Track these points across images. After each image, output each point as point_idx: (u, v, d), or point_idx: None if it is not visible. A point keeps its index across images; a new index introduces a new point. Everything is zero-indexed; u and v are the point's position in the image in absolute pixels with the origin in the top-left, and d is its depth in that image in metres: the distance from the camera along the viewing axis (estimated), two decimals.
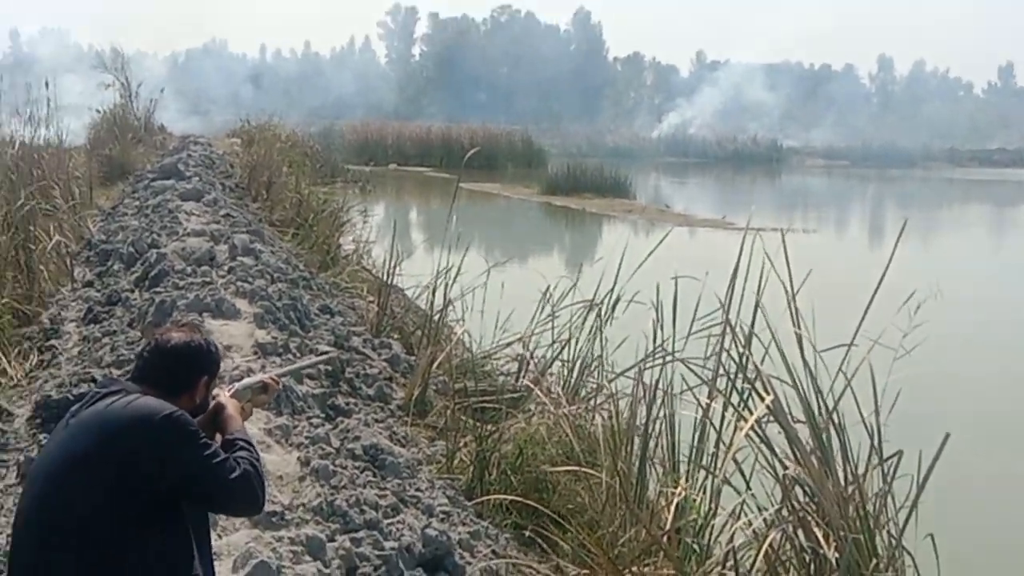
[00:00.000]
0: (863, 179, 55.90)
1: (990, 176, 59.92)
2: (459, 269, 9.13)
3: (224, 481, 2.93)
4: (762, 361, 4.43)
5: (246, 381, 3.54)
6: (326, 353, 6.30)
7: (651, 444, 5.54)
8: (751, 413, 4.24)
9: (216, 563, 3.26)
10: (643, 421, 5.67)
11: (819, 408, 4.16)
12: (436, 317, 9.06)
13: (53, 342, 8.39)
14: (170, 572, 2.89)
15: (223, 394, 3.37)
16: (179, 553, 2.93)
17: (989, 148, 78.74)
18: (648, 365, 5.71)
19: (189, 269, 9.44)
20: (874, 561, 3.71)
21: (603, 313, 7.98)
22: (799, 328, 4.29)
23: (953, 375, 11.18)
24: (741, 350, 4.48)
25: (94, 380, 6.50)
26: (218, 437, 3.18)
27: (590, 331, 8.05)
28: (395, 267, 10.38)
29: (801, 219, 29.88)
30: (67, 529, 2.79)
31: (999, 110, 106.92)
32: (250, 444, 3.15)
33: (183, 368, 3.19)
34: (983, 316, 15.24)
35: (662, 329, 5.90)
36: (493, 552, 5.45)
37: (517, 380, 8.34)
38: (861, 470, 4.06)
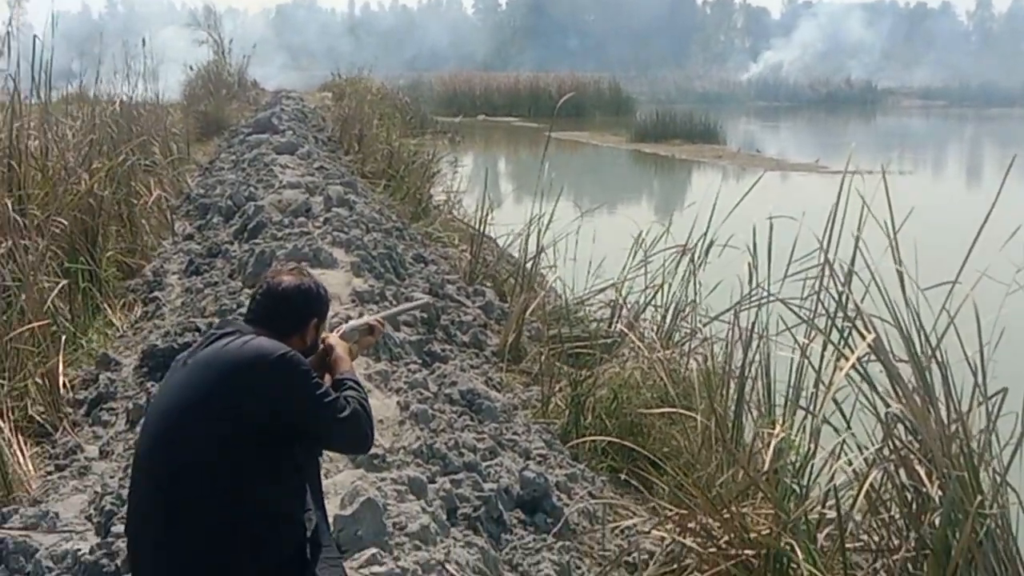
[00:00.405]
0: (961, 119, 54.41)
1: None
2: (551, 217, 9.13)
3: (335, 419, 3.02)
4: (862, 300, 4.37)
5: (352, 323, 3.63)
6: (424, 299, 6.38)
7: (747, 386, 5.51)
8: (851, 352, 4.19)
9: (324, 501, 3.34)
10: (739, 363, 5.64)
11: (921, 346, 4.10)
12: (528, 264, 9.09)
13: (156, 294, 8.62)
14: (285, 507, 2.99)
15: (332, 336, 3.46)
16: (293, 488, 3.02)
17: None
18: (744, 307, 5.66)
19: (286, 220, 9.60)
20: (979, 498, 3.67)
21: (696, 258, 7.91)
22: (900, 266, 4.22)
23: None
24: (840, 289, 4.42)
25: (198, 329, 6.68)
26: (327, 378, 3.26)
27: (683, 276, 7.99)
28: (486, 216, 10.42)
29: (897, 161, 29.19)
30: (185, 466, 2.89)
31: None
32: (358, 384, 3.24)
33: (294, 310, 3.29)
34: None
35: (757, 272, 5.83)
36: (590, 494, 5.50)
37: (610, 326, 8.35)
38: (965, 408, 4.00)
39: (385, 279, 8.23)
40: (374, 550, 3.49)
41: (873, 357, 4.16)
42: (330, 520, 3.28)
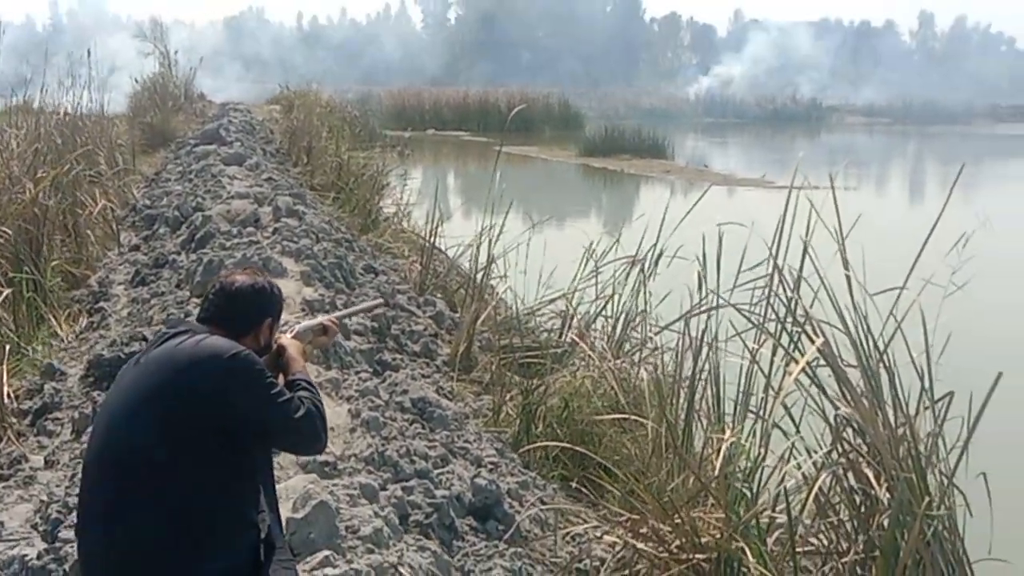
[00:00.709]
0: (904, 136, 55.27)
1: None
2: (502, 228, 9.14)
3: (289, 419, 2.99)
4: (811, 306, 4.42)
5: (306, 323, 3.61)
6: (377, 300, 6.35)
7: (698, 393, 5.55)
8: (800, 357, 4.23)
9: None
10: (689, 371, 5.67)
11: (870, 351, 4.15)
12: (479, 274, 9.09)
13: (102, 304, 8.52)
14: (239, 508, 2.96)
15: (285, 336, 3.44)
16: (247, 489, 2.99)
17: None
18: (694, 314, 5.70)
19: (235, 230, 9.53)
20: (926, 500, 3.71)
21: (646, 268, 7.96)
22: (848, 272, 4.27)
23: (1005, 317, 11.29)
24: (790, 295, 4.47)
25: (145, 339, 6.60)
26: (280, 378, 3.24)
27: (633, 286, 8.04)
28: (436, 228, 10.41)
29: (842, 176, 29.55)
30: (135, 466, 2.85)
31: None
32: (312, 385, 3.22)
33: (248, 309, 3.26)
34: None
35: (706, 280, 5.87)
36: (541, 501, 5.51)
37: (561, 336, 8.37)
38: (912, 412, 4.06)
39: (335, 288, 8.19)
40: (327, 552, 3.47)
41: (822, 362, 4.20)
42: (283, 523, 3.25)
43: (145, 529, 2.80)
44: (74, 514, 4.19)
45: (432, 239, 10.33)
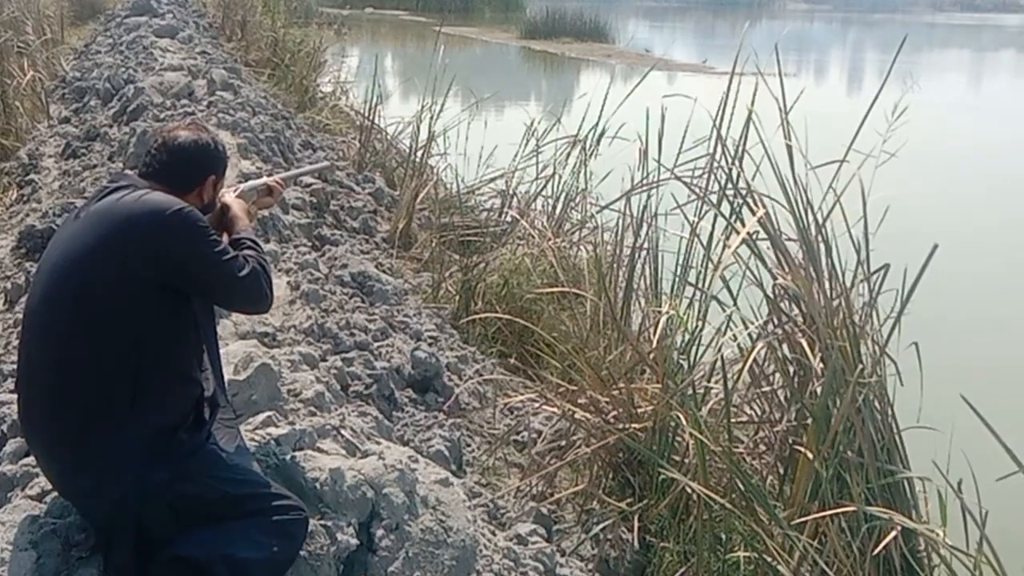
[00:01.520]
0: (845, 23, 55.23)
1: (972, 21, 59.26)
2: (441, 106, 9.03)
3: (233, 276, 2.96)
4: (753, 178, 4.43)
5: (251, 183, 3.55)
6: (323, 163, 6.24)
7: (638, 269, 5.57)
8: (740, 229, 4.25)
9: None
10: (629, 247, 5.69)
11: (809, 223, 4.18)
12: (419, 152, 9.00)
13: (32, 176, 8.32)
14: (182, 364, 2.94)
15: (229, 194, 3.38)
16: (190, 346, 2.97)
17: None
18: (635, 192, 5.69)
19: (168, 103, 9.30)
20: (859, 367, 3.79)
21: (587, 147, 7.93)
22: (789, 142, 4.28)
23: (941, 194, 11.60)
24: (732, 166, 4.47)
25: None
26: (224, 237, 3.19)
27: (574, 166, 8.03)
28: (375, 106, 10.25)
29: (782, 62, 29.45)
30: (77, 321, 2.81)
31: None
32: (257, 243, 3.18)
33: (191, 165, 3.18)
34: (965, 144, 15.65)
35: (647, 158, 5.85)
36: (479, 374, 5.55)
37: (501, 215, 8.37)
38: (848, 284, 4.11)
39: (273, 162, 8.06)
40: (269, 413, 3.47)
41: (762, 235, 4.23)
42: (225, 384, 3.24)
43: (86, 382, 2.78)
44: (9, 380, 4.16)
45: (371, 117, 10.18)
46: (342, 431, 3.52)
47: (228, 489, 2.89)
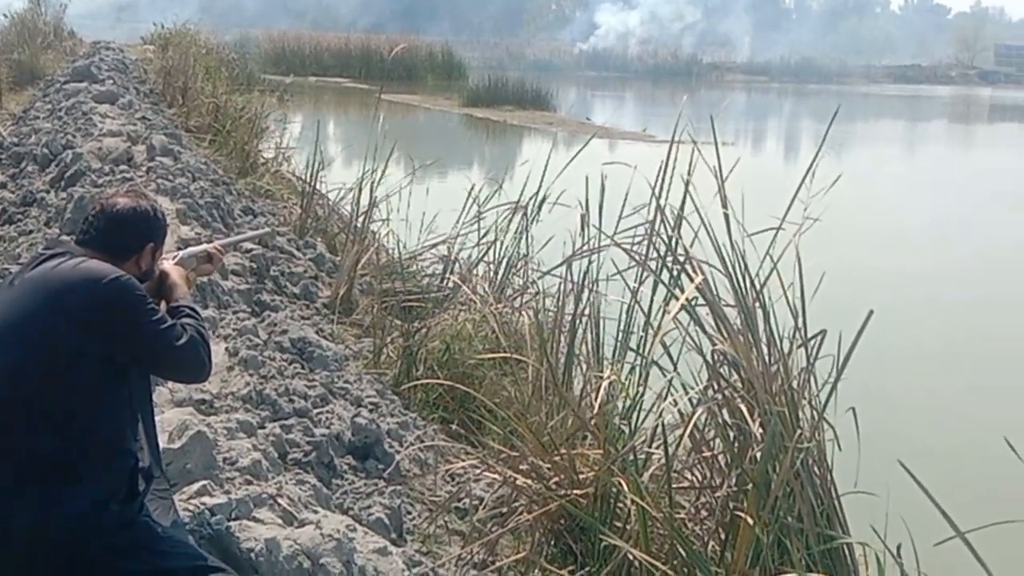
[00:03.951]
0: (781, 94, 56.42)
1: (904, 92, 60.81)
2: (383, 172, 9.04)
3: (171, 346, 2.93)
4: (691, 245, 4.48)
5: (190, 250, 3.53)
6: (264, 229, 6.19)
7: (579, 335, 5.59)
8: (680, 295, 4.29)
9: None
10: (571, 313, 5.71)
11: (747, 289, 4.23)
12: (360, 218, 8.99)
13: None
14: (116, 436, 2.88)
15: (167, 262, 3.35)
16: (123, 417, 2.92)
17: (903, 65, 79.57)
18: (576, 258, 5.73)
19: (107, 168, 9.23)
20: (798, 432, 3.81)
21: (529, 213, 7.99)
22: (727, 210, 4.34)
23: (875, 266, 11.83)
24: (671, 234, 4.52)
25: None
26: (163, 305, 3.16)
27: (516, 232, 8.08)
28: (317, 172, 10.25)
29: (720, 133, 29.97)
30: (8, 389, 2.75)
31: (915, 27, 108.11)
32: (195, 311, 3.15)
33: (129, 233, 3.16)
34: (900, 217, 15.99)
35: (588, 225, 5.90)
36: (421, 440, 5.51)
37: (442, 280, 8.37)
38: (786, 349, 4.15)
39: (212, 228, 8.01)
40: (204, 482, 3.41)
41: (701, 301, 4.27)
42: (160, 453, 3.18)
43: (21, 458, 2.71)
44: None
45: (312, 183, 10.17)
46: (279, 500, 3.47)
47: (161, 563, 2.83)
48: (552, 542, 4.52)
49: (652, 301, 4.67)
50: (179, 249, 3.82)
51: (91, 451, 2.78)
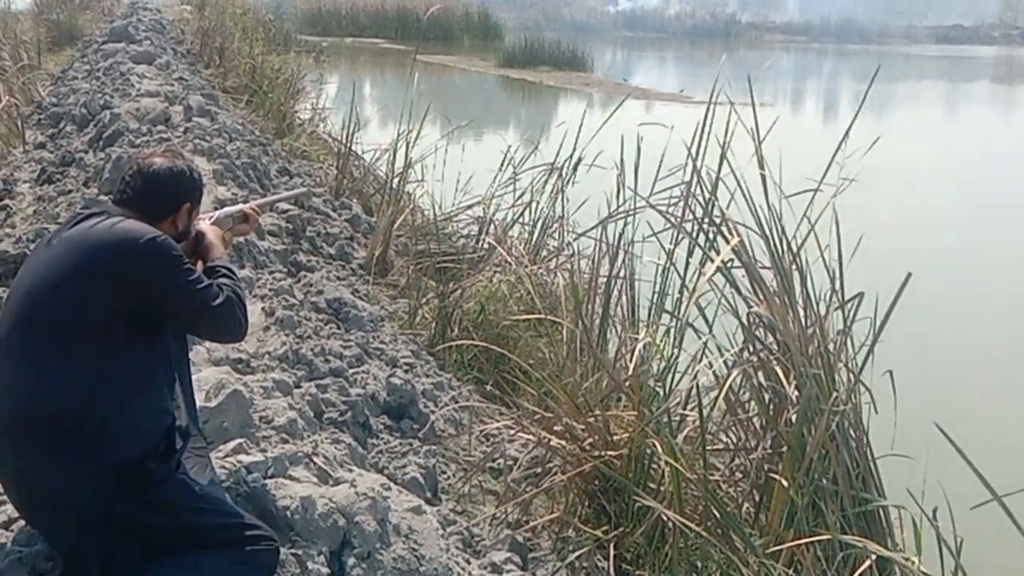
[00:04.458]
0: (820, 54, 55.72)
1: (946, 52, 59.86)
2: (419, 133, 9.03)
3: (207, 305, 2.94)
4: (728, 207, 4.45)
5: (226, 209, 3.53)
6: (301, 189, 6.18)
7: (614, 296, 5.58)
8: (716, 257, 4.27)
9: None
10: (606, 275, 5.70)
11: (783, 252, 4.20)
12: (396, 179, 8.99)
13: (7, 202, 8.26)
14: (153, 394, 2.90)
15: (203, 222, 3.36)
16: (159, 375, 2.94)
17: (945, 25, 78.26)
18: (612, 220, 5.71)
19: (144, 128, 9.27)
20: (833, 395, 3.79)
21: (564, 175, 7.96)
22: (764, 171, 4.30)
23: (914, 227, 11.72)
24: (707, 196, 4.49)
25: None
26: (199, 265, 3.17)
27: (551, 193, 8.06)
28: (353, 133, 10.25)
29: (758, 93, 29.68)
30: (48, 349, 2.78)
31: None
32: (232, 271, 3.16)
33: (166, 193, 3.17)
34: (938, 172, 15.83)
35: (624, 186, 5.88)
36: (455, 400, 5.53)
37: (478, 241, 8.36)
38: (823, 312, 4.13)
39: (249, 188, 8.04)
40: (240, 440, 3.44)
41: (737, 263, 4.24)
42: (197, 412, 3.21)
43: (55, 410, 2.74)
44: None
45: (348, 144, 10.17)
46: (314, 459, 3.50)
47: (198, 519, 2.86)
48: (586, 503, 4.54)
49: (688, 263, 4.65)
50: (216, 209, 3.83)
51: (127, 408, 2.81)
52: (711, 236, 4.44)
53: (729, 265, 4.25)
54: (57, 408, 2.74)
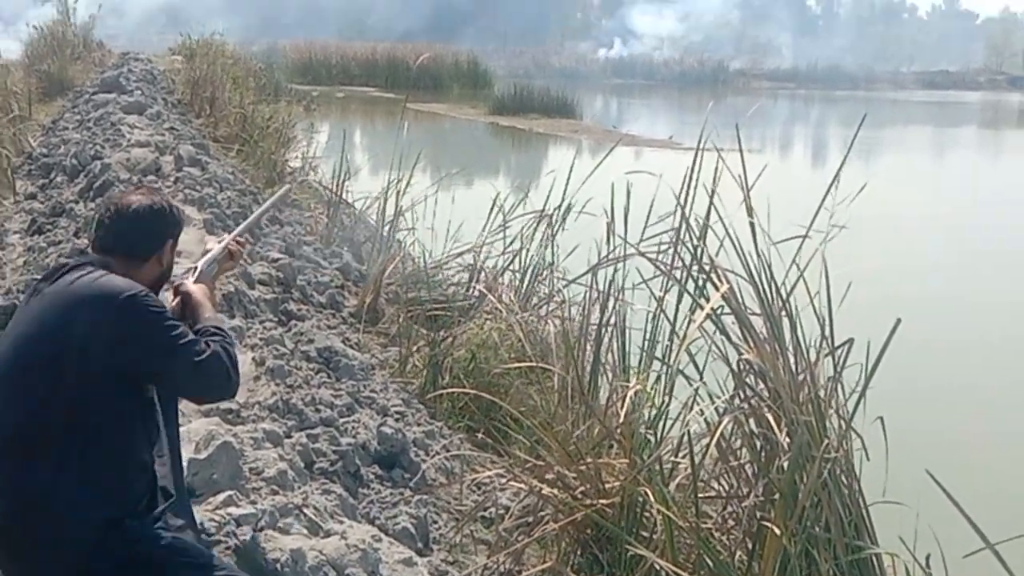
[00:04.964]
0: (808, 100, 56.18)
1: (932, 98, 60.42)
2: (409, 181, 9.06)
3: (191, 362, 2.87)
4: (716, 254, 4.46)
5: (208, 256, 3.47)
6: (281, 190, 6.01)
7: (604, 343, 5.58)
8: (705, 304, 4.27)
9: None
10: (596, 322, 5.70)
11: (773, 298, 4.21)
12: (386, 227, 9.02)
13: None
14: (135, 452, 2.87)
15: (187, 282, 3.31)
16: (143, 433, 2.91)
17: (931, 71, 79.08)
18: (602, 266, 5.72)
19: (135, 179, 9.29)
20: (825, 442, 3.79)
21: (554, 222, 8.00)
22: (752, 219, 4.32)
23: (903, 273, 11.75)
24: (696, 243, 4.51)
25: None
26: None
27: (541, 240, 8.09)
28: (343, 181, 10.29)
29: (746, 140, 29.86)
30: (29, 408, 2.76)
31: (942, 33, 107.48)
32: (221, 329, 3.09)
33: (148, 233, 3.13)
34: (927, 223, 15.91)
35: (614, 233, 5.90)
36: (447, 449, 5.52)
37: (468, 289, 8.37)
38: (812, 358, 4.13)
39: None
40: (230, 492, 3.42)
41: (727, 309, 4.25)
42: (184, 464, 3.19)
43: (33, 467, 2.72)
44: None
45: (339, 192, 10.21)
46: (305, 510, 3.48)
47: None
48: (578, 551, 4.51)
49: (678, 310, 4.66)
50: (202, 257, 3.79)
51: (110, 468, 2.77)
52: (700, 283, 4.45)
53: (719, 312, 4.26)
54: (34, 464, 2.72)
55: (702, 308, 4.17)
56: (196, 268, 3.41)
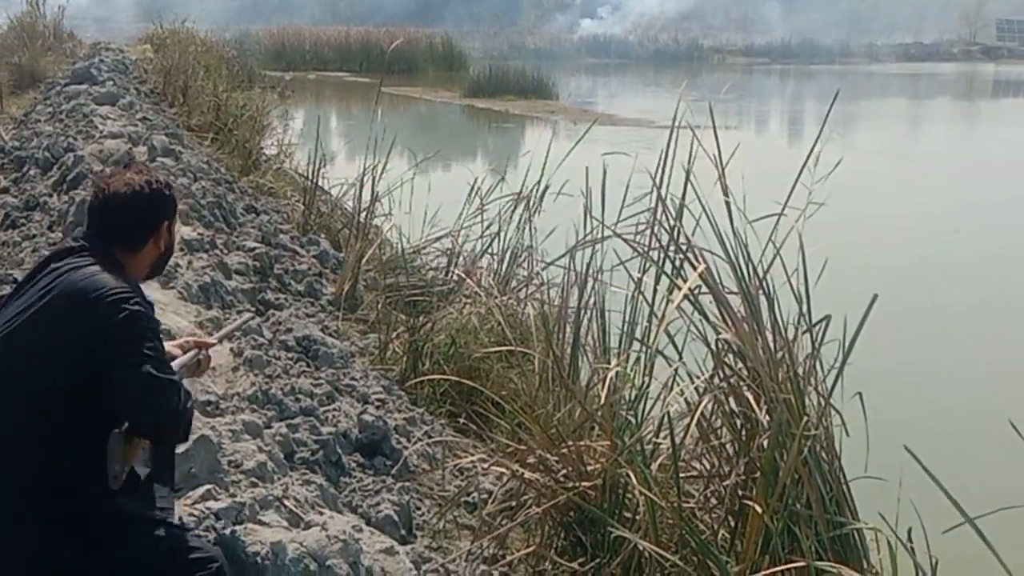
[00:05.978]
0: (783, 76, 56.19)
1: (907, 70, 60.51)
2: (384, 166, 9.02)
3: (150, 373, 2.73)
4: (693, 234, 4.45)
5: (178, 361, 3.23)
6: (246, 315, 5.84)
7: (584, 325, 5.57)
8: (683, 284, 4.27)
9: None
10: (575, 304, 5.69)
11: (750, 277, 4.20)
12: (363, 213, 8.97)
13: None
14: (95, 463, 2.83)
15: None
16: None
17: (906, 42, 79.11)
18: (579, 248, 5.71)
19: (108, 171, 9.20)
20: (804, 419, 3.80)
21: (531, 204, 7.97)
22: (728, 198, 4.31)
23: (880, 248, 11.79)
24: (673, 223, 4.50)
25: (15, 281, 6.35)
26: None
27: (519, 223, 8.06)
28: (319, 168, 10.24)
29: (722, 115, 29.88)
30: (14, 403, 2.74)
31: (916, 4, 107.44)
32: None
33: (141, 218, 2.99)
34: (904, 198, 15.93)
35: (591, 214, 5.88)
36: (428, 435, 5.50)
37: (447, 273, 8.36)
38: (791, 336, 4.13)
39: (215, 228, 8.01)
40: (209, 486, 3.40)
41: (704, 289, 4.25)
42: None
43: (18, 476, 2.70)
44: None
45: (315, 179, 10.16)
46: (285, 502, 3.47)
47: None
48: (562, 535, 4.51)
49: (656, 291, 4.64)
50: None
51: (89, 471, 2.74)
52: (678, 263, 4.44)
53: (697, 292, 4.25)
54: (20, 471, 2.70)
55: (680, 288, 4.16)
56: None
